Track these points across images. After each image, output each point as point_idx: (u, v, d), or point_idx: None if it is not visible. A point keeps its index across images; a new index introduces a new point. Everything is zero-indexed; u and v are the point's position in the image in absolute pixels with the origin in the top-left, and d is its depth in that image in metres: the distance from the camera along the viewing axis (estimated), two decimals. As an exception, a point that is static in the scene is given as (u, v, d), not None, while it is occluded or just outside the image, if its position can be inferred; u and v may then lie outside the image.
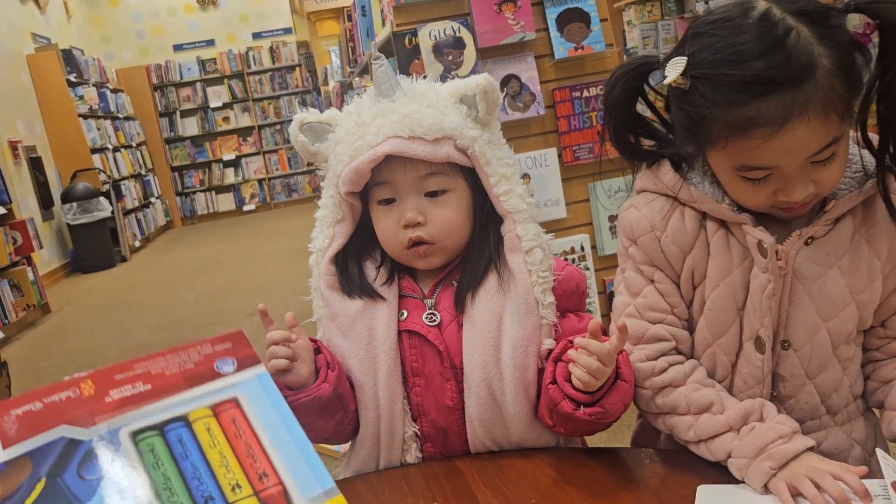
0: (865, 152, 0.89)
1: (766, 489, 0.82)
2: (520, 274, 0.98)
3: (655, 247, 0.96)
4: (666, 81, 0.83)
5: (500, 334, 0.98)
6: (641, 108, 0.97)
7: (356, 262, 1.05)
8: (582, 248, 2.65)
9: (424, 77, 1.03)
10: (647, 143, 0.99)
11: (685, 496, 0.84)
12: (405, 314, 1.03)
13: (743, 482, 0.85)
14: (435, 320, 1.02)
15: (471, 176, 1.02)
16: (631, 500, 0.86)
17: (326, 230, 1.05)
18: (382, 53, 1.05)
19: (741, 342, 0.95)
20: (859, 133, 0.87)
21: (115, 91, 9.78)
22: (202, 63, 10.80)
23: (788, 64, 0.76)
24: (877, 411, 0.99)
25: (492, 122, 1.02)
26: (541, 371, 1.00)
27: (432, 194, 1.00)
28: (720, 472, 0.88)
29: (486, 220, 1.03)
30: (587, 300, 2.67)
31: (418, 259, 1.02)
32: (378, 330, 1.01)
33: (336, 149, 1.01)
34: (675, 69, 0.82)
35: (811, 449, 0.84)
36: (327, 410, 1.00)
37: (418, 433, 1.04)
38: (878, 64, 0.81)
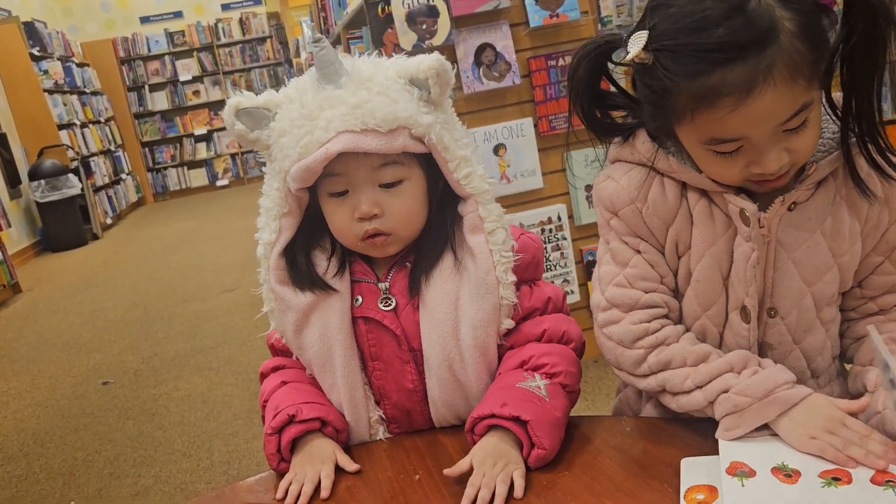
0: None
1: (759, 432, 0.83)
2: (481, 254, 0.96)
3: (637, 219, 0.94)
4: (628, 57, 0.81)
5: (457, 315, 0.97)
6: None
7: (304, 253, 1.01)
8: (559, 218, 2.65)
9: (369, 53, 0.98)
10: (617, 114, 0.98)
11: (668, 463, 0.84)
12: (360, 300, 1.01)
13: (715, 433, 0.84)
14: (390, 304, 1.00)
15: (425, 159, 0.98)
16: (613, 468, 0.86)
17: (272, 223, 0.99)
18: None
19: (727, 312, 0.94)
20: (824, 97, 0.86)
21: (80, 65, 9.55)
22: (170, 35, 10.57)
23: (749, 28, 0.75)
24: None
25: (444, 101, 0.97)
26: (500, 347, 0.99)
27: (388, 184, 0.96)
28: (702, 439, 0.88)
29: (441, 202, 1.00)
30: (566, 271, 2.68)
31: (374, 249, 0.99)
32: (332, 321, 0.99)
33: (281, 141, 0.94)
34: (636, 44, 0.80)
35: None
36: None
37: (383, 416, 1.03)
38: (843, 26, 0.80)
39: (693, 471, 0.82)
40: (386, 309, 1.00)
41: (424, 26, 2.43)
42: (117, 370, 3.65)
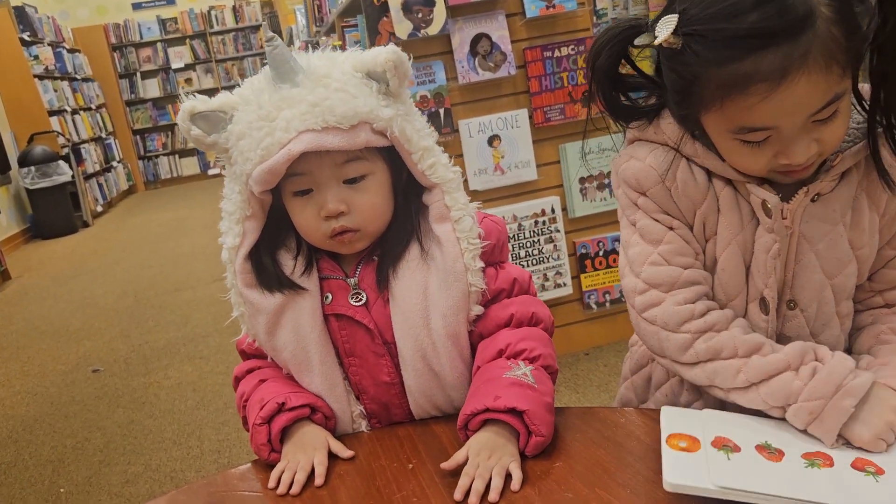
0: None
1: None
2: (448, 242, 0.96)
3: (667, 197, 0.91)
4: (656, 42, 0.79)
5: (427, 305, 0.96)
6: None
7: (270, 255, 1.00)
8: (552, 210, 2.64)
9: (323, 48, 0.96)
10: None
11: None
12: (330, 297, 1.00)
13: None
14: (361, 299, 0.99)
15: (388, 153, 0.96)
16: (607, 458, 0.86)
17: (235, 226, 0.97)
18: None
19: (746, 303, 0.93)
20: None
21: (71, 51, 9.47)
22: (162, 22, 10.49)
23: (785, 14, 0.72)
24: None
25: (403, 93, 0.96)
26: (470, 334, 0.99)
27: (352, 180, 0.95)
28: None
29: (406, 192, 1.00)
30: (558, 263, 2.68)
31: (342, 246, 0.98)
32: (304, 320, 0.98)
33: (240, 144, 0.92)
34: (665, 28, 0.78)
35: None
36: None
37: (364, 411, 1.03)
38: (879, 12, 0.77)
39: (674, 419, 0.83)
40: (357, 304, 0.99)
41: (420, 15, 2.41)
42: (107, 358, 3.63)
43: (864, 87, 0.85)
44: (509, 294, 1.01)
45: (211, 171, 10.65)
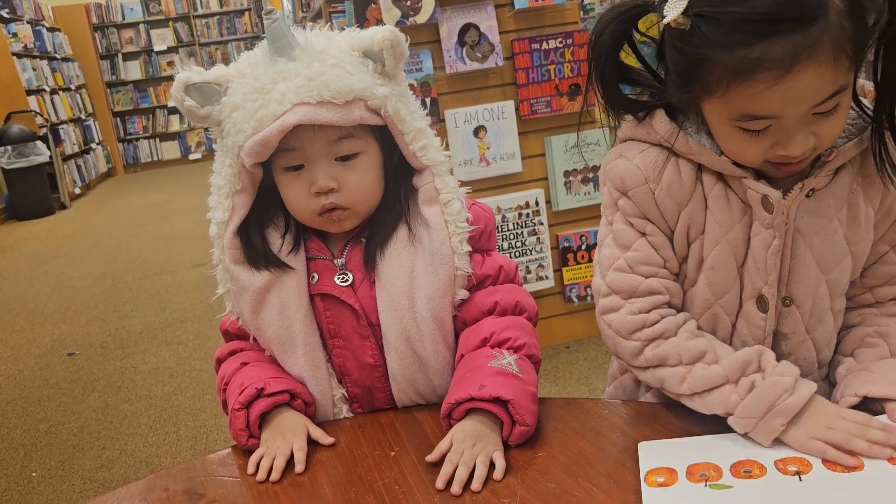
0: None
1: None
2: (436, 225, 0.96)
3: (649, 199, 0.91)
4: (665, 21, 0.78)
5: (412, 287, 0.96)
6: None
7: (258, 231, 0.99)
8: (536, 203, 2.64)
9: (321, 28, 0.96)
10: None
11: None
12: (316, 277, 1.00)
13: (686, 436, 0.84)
14: (347, 280, 0.99)
15: (380, 132, 0.96)
16: (590, 449, 0.86)
17: (225, 201, 0.97)
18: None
19: (741, 301, 0.92)
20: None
21: (51, 30, 9.32)
22: (145, 4, 10.35)
23: (799, 1, 0.72)
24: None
25: (398, 74, 0.96)
26: (454, 319, 0.99)
27: (344, 158, 0.95)
28: (683, 423, 0.89)
29: (396, 174, 0.99)
30: (541, 256, 2.69)
31: (331, 224, 0.97)
32: (289, 300, 0.98)
33: (233, 115, 0.92)
34: (675, 7, 0.76)
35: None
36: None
37: (346, 395, 1.02)
38: (890, 9, 0.76)
39: (651, 454, 0.82)
40: (343, 285, 0.99)
41: (409, 3, 2.39)
42: (83, 342, 3.59)
43: (861, 84, 0.85)
44: (495, 281, 1.01)
45: (192, 156, 10.54)
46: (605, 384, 1.17)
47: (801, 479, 0.75)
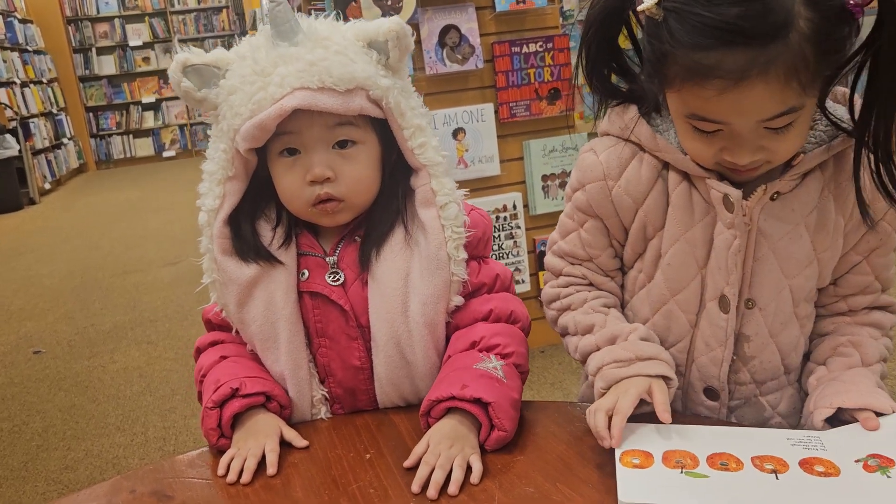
0: (837, 107, 0.87)
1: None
2: (432, 229, 0.94)
3: (603, 196, 0.94)
4: (640, 7, 0.78)
5: (406, 291, 0.95)
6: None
7: (249, 221, 0.97)
8: (514, 207, 2.64)
9: (325, 16, 0.94)
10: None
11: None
12: (306, 274, 0.97)
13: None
14: (338, 279, 0.97)
15: (380, 127, 0.95)
16: (568, 453, 0.85)
17: (216, 188, 0.94)
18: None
19: (703, 302, 0.93)
20: (847, 104, 0.83)
21: (23, 21, 9.15)
22: (121, -2, 10.21)
23: (764, 17, 0.72)
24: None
25: (402, 68, 0.95)
26: (447, 326, 0.98)
27: (342, 145, 0.93)
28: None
29: (393, 172, 0.98)
30: (518, 260, 2.68)
31: (325, 216, 0.95)
32: (276, 295, 0.96)
33: (230, 98, 0.90)
34: None
35: (665, 379, 0.87)
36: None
37: (327, 396, 1.00)
38: (871, 40, 0.76)
39: (627, 435, 0.82)
40: (334, 284, 0.97)
41: (390, 2, 2.38)
42: (50, 340, 3.52)
43: (835, 91, 0.86)
44: (490, 290, 1.00)
45: (166, 154, 10.41)
46: (579, 388, 1.17)
47: (777, 478, 0.75)
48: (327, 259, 0.98)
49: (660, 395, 0.84)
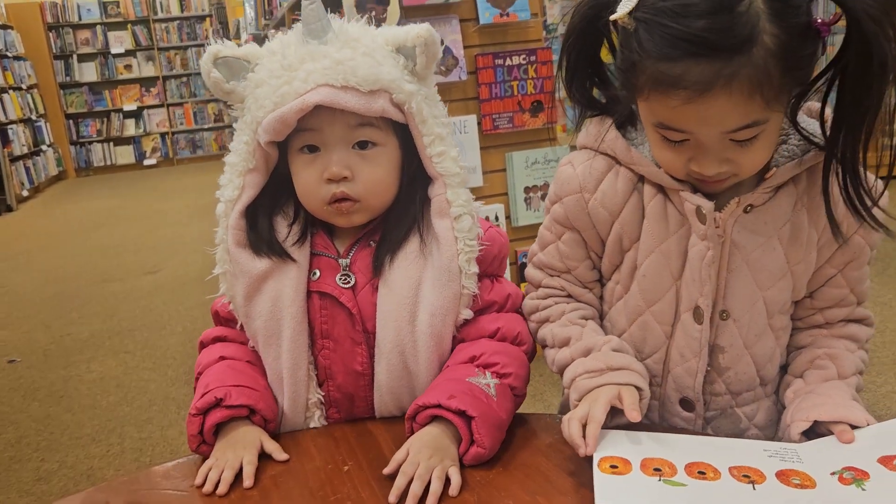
0: (811, 121, 0.88)
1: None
2: (445, 240, 0.94)
3: (580, 209, 0.95)
4: (613, 17, 0.80)
5: (416, 301, 0.95)
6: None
7: (267, 216, 0.98)
8: (496, 218, 2.64)
9: (358, 19, 0.96)
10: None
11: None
12: (317, 274, 0.98)
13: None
14: (349, 282, 0.97)
15: (402, 132, 0.96)
16: (548, 466, 0.85)
17: (236, 179, 0.96)
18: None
19: (678, 313, 0.94)
20: (819, 119, 0.84)
21: (3, 27, 9.06)
22: (104, 5, 10.14)
23: (729, 31, 0.73)
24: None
25: (429, 76, 0.96)
26: (453, 339, 0.98)
27: (362, 145, 0.94)
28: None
29: (413, 180, 0.98)
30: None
31: (339, 216, 0.96)
32: (285, 292, 0.96)
33: (256, 91, 0.92)
34: (625, 6, 0.78)
35: (638, 388, 0.88)
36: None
37: (323, 399, 0.99)
38: (839, 58, 0.78)
39: (605, 441, 0.82)
40: (344, 286, 0.97)
41: (374, 13, 2.38)
42: (25, 349, 3.46)
43: (808, 106, 0.87)
44: (500, 308, 1.00)
45: (147, 162, 10.33)
46: (558, 400, 1.17)
47: (754, 489, 0.75)
48: (340, 261, 0.98)
49: (629, 397, 0.85)
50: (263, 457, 0.91)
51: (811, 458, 0.80)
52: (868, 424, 0.83)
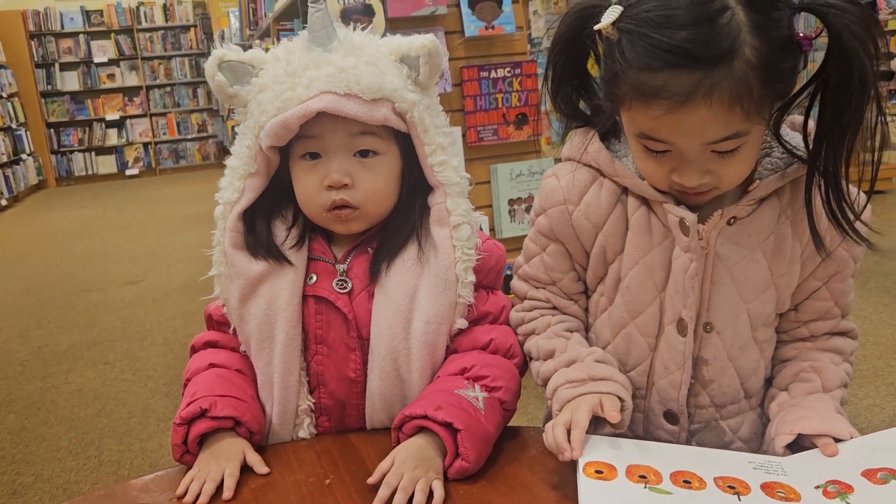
0: (795, 135, 0.89)
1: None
2: (443, 249, 0.94)
3: (564, 220, 0.95)
4: (597, 27, 0.80)
5: (412, 308, 0.95)
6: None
7: (265, 220, 0.98)
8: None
9: (363, 28, 0.96)
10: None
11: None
12: (314, 278, 0.97)
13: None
14: (346, 287, 0.97)
15: (403, 141, 0.96)
16: (532, 479, 0.84)
17: (237, 182, 0.96)
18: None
19: (662, 325, 0.94)
20: (802, 130, 0.85)
21: (-15, 35, 8.98)
22: (87, 14, 10.08)
23: (710, 42, 0.73)
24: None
25: (431, 86, 0.97)
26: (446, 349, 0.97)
27: (363, 153, 0.94)
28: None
29: (412, 188, 0.98)
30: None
31: (339, 223, 0.96)
32: (281, 295, 0.95)
33: (260, 96, 0.92)
34: (609, 16, 0.79)
35: (620, 398, 0.87)
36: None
37: (313, 406, 0.98)
38: (820, 72, 0.79)
39: (591, 447, 0.81)
40: (341, 291, 0.96)
41: (359, 25, 2.38)
42: (2, 359, 3.41)
43: (791, 119, 0.87)
44: (495, 320, 1.01)
45: (129, 171, 10.25)
46: (542, 413, 1.17)
47: (740, 500, 0.75)
48: (337, 266, 0.98)
49: (609, 403, 0.85)
50: (246, 469, 0.90)
51: (796, 471, 0.80)
52: (852, 438, 0.83)
